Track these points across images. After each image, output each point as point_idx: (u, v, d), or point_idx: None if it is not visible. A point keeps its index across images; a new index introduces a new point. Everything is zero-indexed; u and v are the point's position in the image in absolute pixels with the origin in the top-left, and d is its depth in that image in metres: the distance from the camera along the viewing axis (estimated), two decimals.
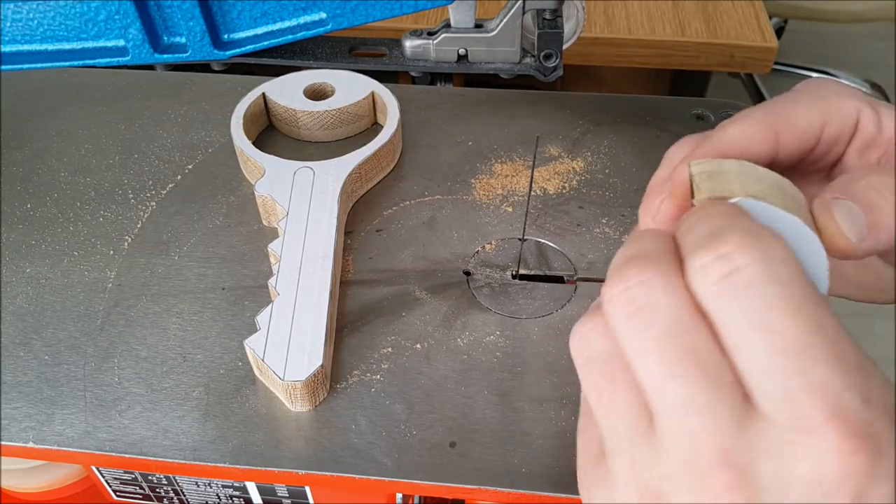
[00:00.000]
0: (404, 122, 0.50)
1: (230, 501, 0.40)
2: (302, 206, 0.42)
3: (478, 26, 0.54)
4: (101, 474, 0.40)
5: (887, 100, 1.56)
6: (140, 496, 0.41)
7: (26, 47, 0.42)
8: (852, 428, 0.20)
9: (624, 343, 0.23)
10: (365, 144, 0.47)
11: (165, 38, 0.43)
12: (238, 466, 0.34)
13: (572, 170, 0.49)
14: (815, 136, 0.30)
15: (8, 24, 0.41)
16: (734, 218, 0.22)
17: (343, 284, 0.42)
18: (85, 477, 0.45)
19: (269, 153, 0.46)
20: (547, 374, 0.37)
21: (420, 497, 0.47)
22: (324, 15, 0.43)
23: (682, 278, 0.22)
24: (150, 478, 0.39)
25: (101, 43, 0.43)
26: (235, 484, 0.39)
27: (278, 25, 0.44)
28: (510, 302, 0.41)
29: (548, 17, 0.52)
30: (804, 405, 0.20)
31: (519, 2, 0.51)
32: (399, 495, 0.44)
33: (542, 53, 0.53)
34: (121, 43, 0.42)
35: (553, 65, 0.54)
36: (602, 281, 0.24)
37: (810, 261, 0.24)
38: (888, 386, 0.21)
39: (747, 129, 0.29)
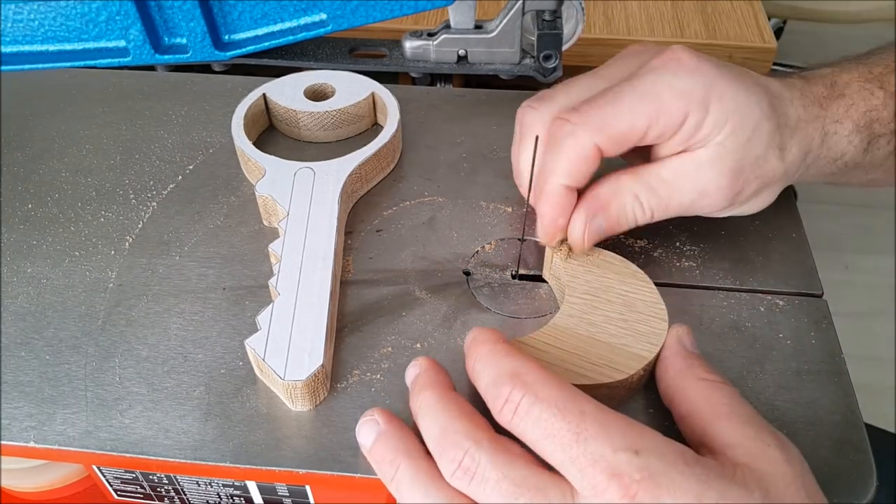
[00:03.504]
0: (404, 122, 0.50)
1: (231, 500, 0.40)
2: (302, 207, 0.43)
3: (477, 27, 0.54)
4: (102, 474, 0.40)
5: None
6: (141, 495, 0.41)
7: (27, 48, 0.43)
8: (628, 477, 0.26)
9: (481, 502, 0.29)
10: (365, 145, 0.47)
11: (166, 39, 0.43)
12: (239, 466, 0.34)
13: None
14: (638, 138, 0.36)
15: (9, 24, 0.41)
16: (501, 359, 0.31)
17: (343, 284, 0.42)
18: (86, 476, 0.45)
19: (270, 154, 0.46)
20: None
21: None
22: (324, 16, 0.44)
23: (488, 432, 0.30)
24: (151, 477, 0.39)
25: (102, 44, 0.43)
26: (236, 483, 0.39)
27: (279, 26, 0.44)
28: (510, 302, 0.41)
29: (547, 18, 0.52)
30: (593, 475, 0.27)
31: (519, 3, 0.51)
32: None
33: (542, 54, 0.53)
34: (122, 44, 0.43)
35: (552, 66, 0.54)
36: None
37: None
38: (655, 435, 0.28)
39: (574, 160, 0.36)
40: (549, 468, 0.29)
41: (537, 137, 0.44)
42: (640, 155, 0.39)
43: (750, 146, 0.36)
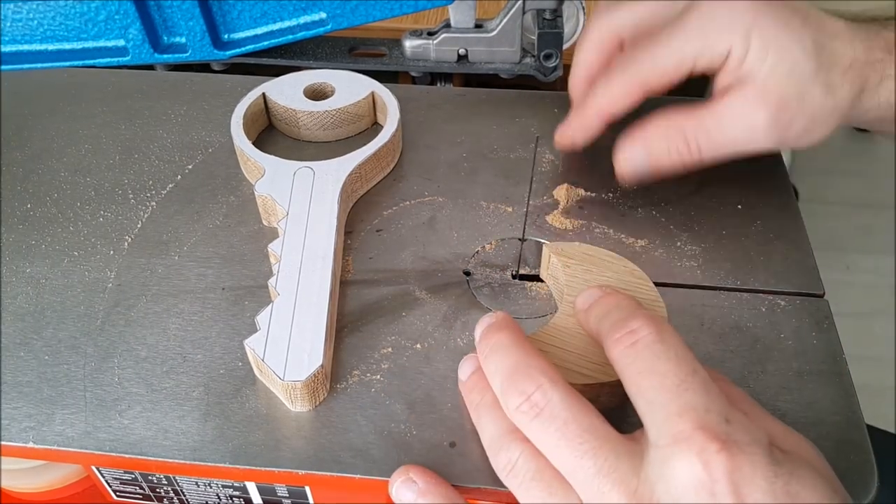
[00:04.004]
0: (404, 122, 0.50)
1: (230, 501, 0.40)
2: (302, 207, 0.42)
3: (478, 26, 0.54)
4: (101, 474, 0.40)
5: None
6: (140, 496, 0.41)
7: (26, 47, 0.42)
8: (713, 434, 0.26)
9: (538, 442, 0.29)
10: (365, 144, 0.47)
11: (165, 38, 0.43)
12: (238, 466, 0.34)
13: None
14: (684, 75, 0.39)
15: (8, 24, 0.41)
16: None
17: (343, 284, 0.42)
18: (85, 477, 0.45)
19: (269, 153, 0.46)
20: None
21: None
22: (324, 15, 0.43)
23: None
24: (150, 478, 0.39)
25: (102, 43, 0.43)
26: (235, 484, 0.39)
27: (278, 25, 0.44)
28: (510, 302, 0.41)
29: (548, 17, 0.52)
30: (678, 422, 0.26)
31: (519, 2, 0.51)
32: None
33: (542, 53, 0.53)
34: (121, 43, 0.42)
35: (553, 65, 0.54)
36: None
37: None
38: (756, 426, 0.27)
39: (617, 96, 0.40)
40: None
41: (537, 138, 0.44)
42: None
43: (791, 82, 0.37)
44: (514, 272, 0.43)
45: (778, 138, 0.39)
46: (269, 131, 0.52)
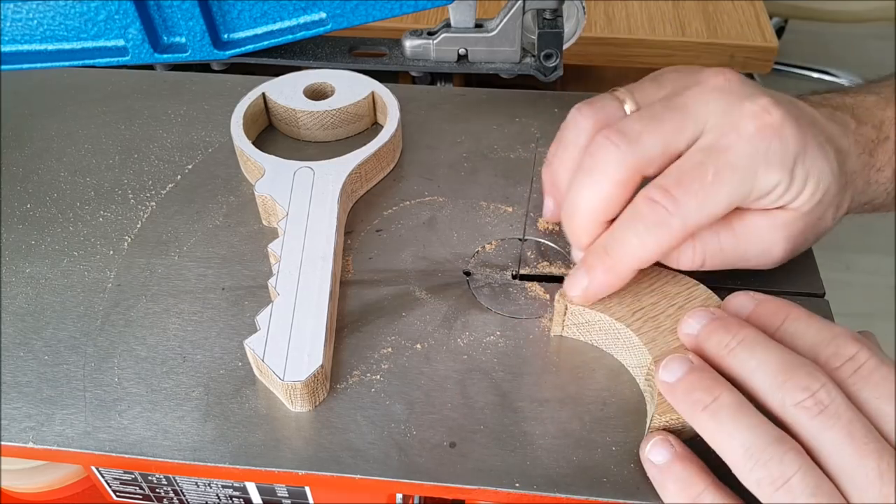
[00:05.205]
0: (404, 122, 0.50)
1: (230, 502, 0.40)
2: (302, 207, 0.42)
3: (478, 26, 0.54)
4: (101, 474, 0.40)
5: None
6: (140, 496, 0.41)
7: (26, 47, 0.42)
8: None
9: (817, 440, 0.28)
10: (365, 144, 0.47)
11: (165, 38, 0.43)
12: (238, 467, 0.34)
13: None
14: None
15: (8, 24, 0.41)
16: (847, 334, 0.31)
17: (343, 284, 0.42)
18: (85, 477, 0.45)
19: (269, 153, 0.46)
20: (547, 374, 0.37)
21: (420, 497, 0.47)
22: (324, 15, 0.43)
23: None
24: (149, 478, 0.39)
25: (101, 43, 0.43)
26: (235, 484, 0.39)
27: (278, 25, 0.44)
28: (510, 302, 0.41)
29: (548, 16, 0.52)
30: None
31: (519, 2, 0.51)
32: (399, 495, 0.44)
33: (543, 53, 0.53)
34: (121, 43, 0.42)
35: (553, 65, 0.54)
36: None
37: None
38: None
39: (660, 248, 0.34)
40: None
41: (537, 138, 0.44)
42: None
43: (818, 208, 0.36)
44: (514, 272, 0.43)
45: (782, 261, 0.37)
46: (269, 131, 0.52)
